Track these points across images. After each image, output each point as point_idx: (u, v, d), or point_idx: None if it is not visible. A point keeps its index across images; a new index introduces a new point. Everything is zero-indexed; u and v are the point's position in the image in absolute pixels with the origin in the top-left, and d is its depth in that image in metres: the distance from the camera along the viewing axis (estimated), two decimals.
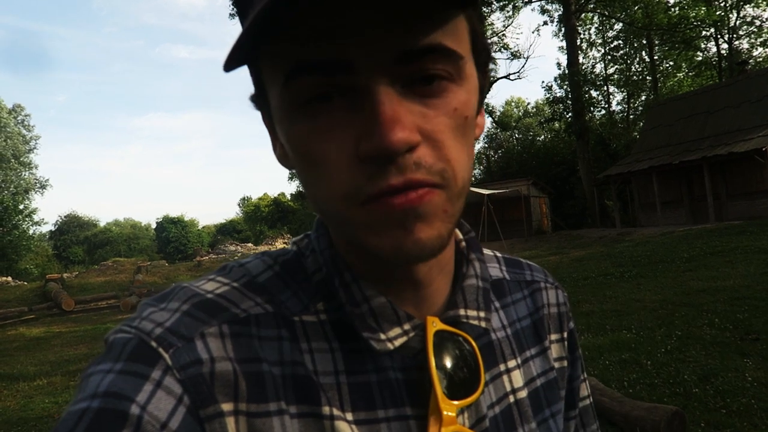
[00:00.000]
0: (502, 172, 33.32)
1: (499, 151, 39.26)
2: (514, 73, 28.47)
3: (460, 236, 0.51)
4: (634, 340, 5.33)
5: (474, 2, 0.37)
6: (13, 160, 37.73)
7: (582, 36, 30.08)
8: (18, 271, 28.67)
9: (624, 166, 20.64)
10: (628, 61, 31.64)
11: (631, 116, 32.64)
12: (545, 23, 29.76)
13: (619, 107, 34.39)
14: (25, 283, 20.78)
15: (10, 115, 38.65)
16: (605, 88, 32.36)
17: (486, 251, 0.55)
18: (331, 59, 0.33)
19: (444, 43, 0.34)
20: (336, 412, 0.39)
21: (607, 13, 26.92)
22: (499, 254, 0.58)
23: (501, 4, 25.93)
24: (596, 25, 30.60)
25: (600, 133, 29.03)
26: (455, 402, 0.40)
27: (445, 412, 0.39)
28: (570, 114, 25.60)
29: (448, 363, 0.41)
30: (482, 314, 0.46)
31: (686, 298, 6.82)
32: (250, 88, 0.43)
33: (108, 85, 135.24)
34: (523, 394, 0.48)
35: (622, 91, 32.85)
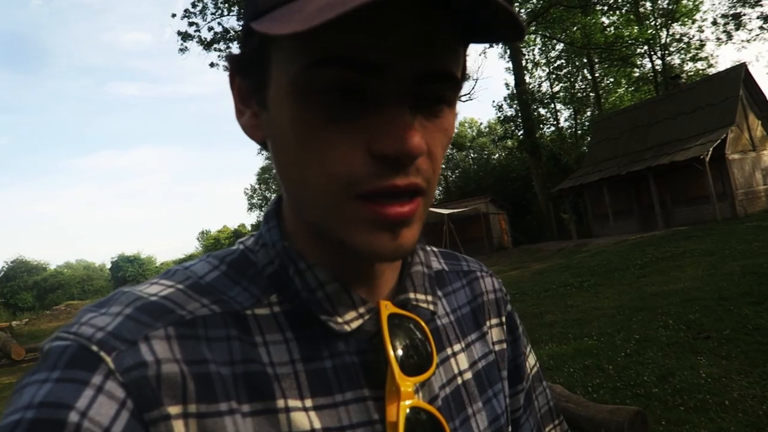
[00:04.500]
0: (460, 191, 33.92)
1: (456, 171, 40.08)
2: (466, 95, 29.19)
3: None
4: (595, 347, 5.50)
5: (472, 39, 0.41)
6: None
7: (526, 56, 31.31)
8: None
9: (576, 179, 21.41)
10: (572, 79, 33.10)
11: (579, 131, 33.98)
12: (491, 45, 30.87)
13: (567, 123, 35.84)
14: None
15: None
16: (552, 105, 33.68)
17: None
18: (368, 60, 0.34)
19: (455, 72, 0.38)
20: (292, 403, 0.39)
21: (548, 34, 28.16)
22: (435, 248, 0.61)
23: None
24: (539, 46, 31.91)
25: (551, 149, 30.11)
26: (411, 378, 0.42)
27: (403, 388, 0.40)
28: (521, 132, 26.42)
29: (401, 344, 0.42)
30: (430, 298, 0.49)
31: (642, 303, 7.11)
32: (203, 124, 0.44)
33: (53, 126, 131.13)
34: (468, 375, 0.51)
35: (569, 108, 34.23)
